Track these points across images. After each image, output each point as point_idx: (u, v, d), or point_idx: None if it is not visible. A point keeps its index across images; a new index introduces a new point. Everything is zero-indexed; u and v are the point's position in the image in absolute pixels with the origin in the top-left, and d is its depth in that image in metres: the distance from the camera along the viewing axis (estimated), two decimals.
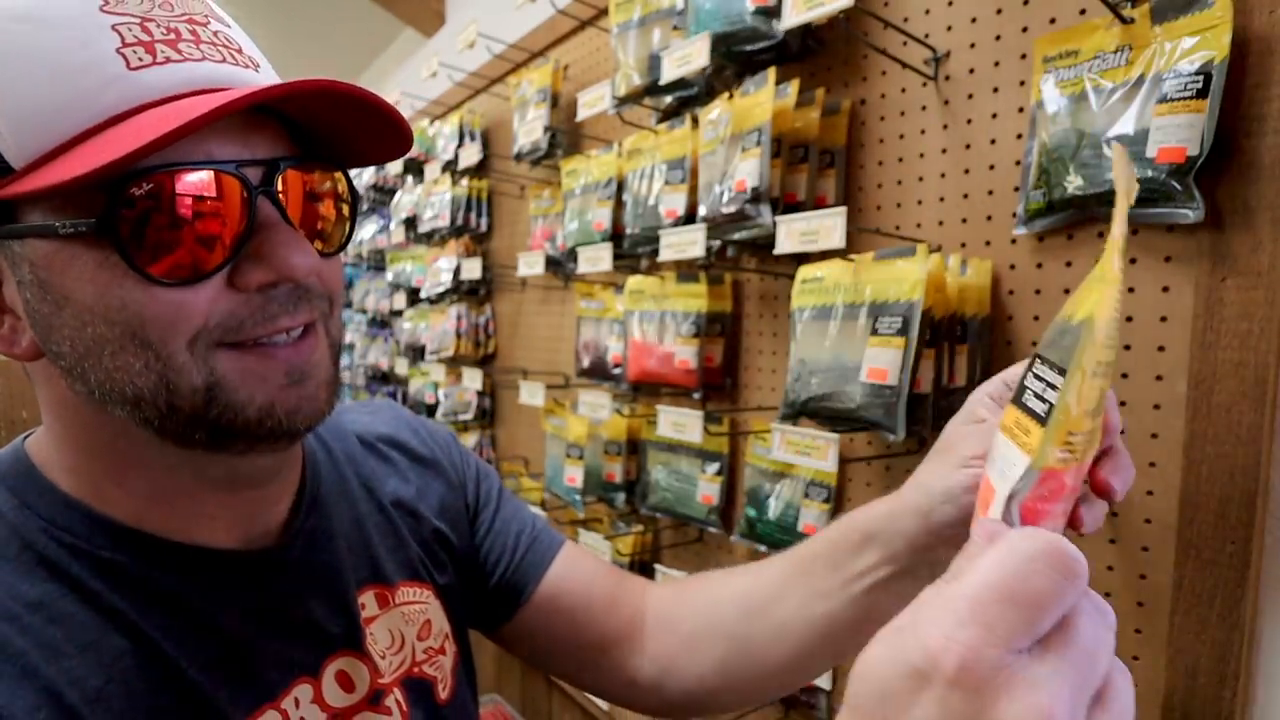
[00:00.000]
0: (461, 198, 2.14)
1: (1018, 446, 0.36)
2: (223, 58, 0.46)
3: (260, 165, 0.46)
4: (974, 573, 0.31)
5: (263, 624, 0.53)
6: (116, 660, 0.46)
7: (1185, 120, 0.71)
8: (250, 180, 0.45)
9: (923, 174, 1.00)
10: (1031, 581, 0.30)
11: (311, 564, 0.58)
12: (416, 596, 0.67)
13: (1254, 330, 0.70)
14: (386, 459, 0.71)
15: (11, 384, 3.13)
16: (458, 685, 0.69)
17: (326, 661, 0.57)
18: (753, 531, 1.21)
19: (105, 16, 0.43)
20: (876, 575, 0.62)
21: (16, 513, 0.48)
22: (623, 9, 1.38)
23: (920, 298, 0.86)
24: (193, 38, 0.45)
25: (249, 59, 0.48)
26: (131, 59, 0.42)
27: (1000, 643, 0.30)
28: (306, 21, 3.43)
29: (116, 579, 0.48)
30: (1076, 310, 0.36)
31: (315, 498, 0.61)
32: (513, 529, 0.77)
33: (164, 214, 0.43)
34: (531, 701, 1.94)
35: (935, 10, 0.97)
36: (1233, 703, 0.73)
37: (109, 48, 0.42)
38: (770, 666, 0.69)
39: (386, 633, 0.62)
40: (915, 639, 0.31)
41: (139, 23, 0.43)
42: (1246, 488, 0.72)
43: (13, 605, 0.44)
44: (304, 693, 0.55)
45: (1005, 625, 0.30)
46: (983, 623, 0.30)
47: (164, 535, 0.50)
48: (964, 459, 0.57)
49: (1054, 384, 0.35)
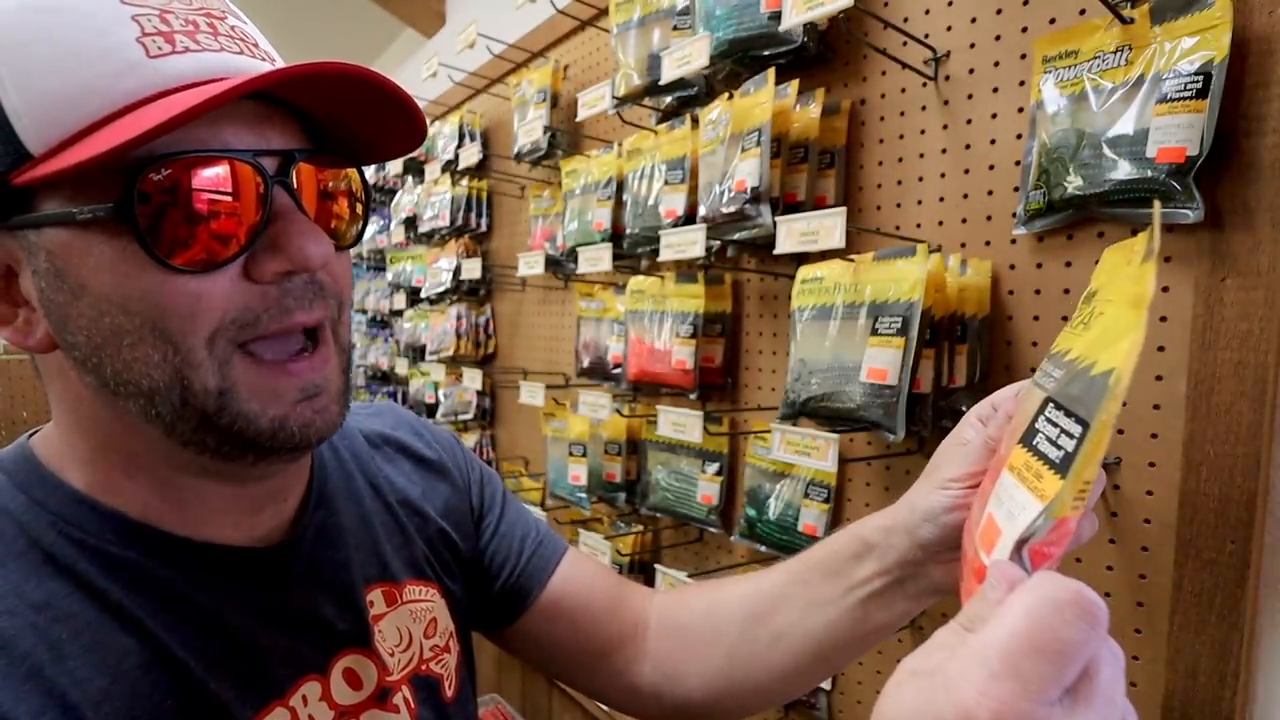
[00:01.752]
0: (461, 198, 2.14)
1: (1028, 490, 0.36)
2: (240, 49, 0.46)
3: (276, 155, 0.46)
4: (1003, 622, 0.31)
5: (270, 621, 0.53)
6: (122, 660, 0.45)
7: (1185, 120, 0.71)
8: (266, 170, 0.45)
9: (923, 174, 1.00)
10: (1062, 632, 0.30)
11: (319, 561, 0.58)
12: (423, 595, 0.67)
13: (1254, 330, 0.70)
14: (392, 460, 0.71)
15: (11, 384, 3.13)
16: (462, 684, 0.69)
17: (334, 659, 0.57)
18: (753, 531, 1.21)
19: (125, 8, 0.43)
20: (872, 586, 0.64)
21: (24, 509, 0.48)
22: (623, 9, 1.38)
23: (920, 298, 0.86)
24: (211, 30, 0.45)
25: (265, 54, 0.49)
26: (151, 47, 0.42)
27: (1034, 696, 0.29)
28: (306, 21, 3.43)
29: (124, 575, 0.48)
30: (1098, 355, 0.35)
31: (323, 495, 0.61)
32: (517, 533, 0.77)
33: (180, 201, 0.43)
34: (531, 701, 1.94)
35: (935, 10, 0.97)
36: (1233, 703, 0.73)
37: (128, 37, 0.42)
38: (770, 674, 0.69)
39: (395, 630, 0.62)
40: (947, 693, 0.30)
41: (158, 14, 0.44)
42: (1246, 488, 0.72)
43: (19, 604, 0.44)
44: (312, 690, 0.55)
45: (1038, 677, 0.29)
46: (1016, 676, 0.29)
47: (173, 531, 0.50)
48: (944, 480, 0.59)
49: (1071, 433, 0.35)
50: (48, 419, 0.53)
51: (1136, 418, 0.81)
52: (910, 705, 0.32)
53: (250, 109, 0.46)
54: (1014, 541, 0.34)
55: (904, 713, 0.32)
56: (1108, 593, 0.84)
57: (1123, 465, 0.82)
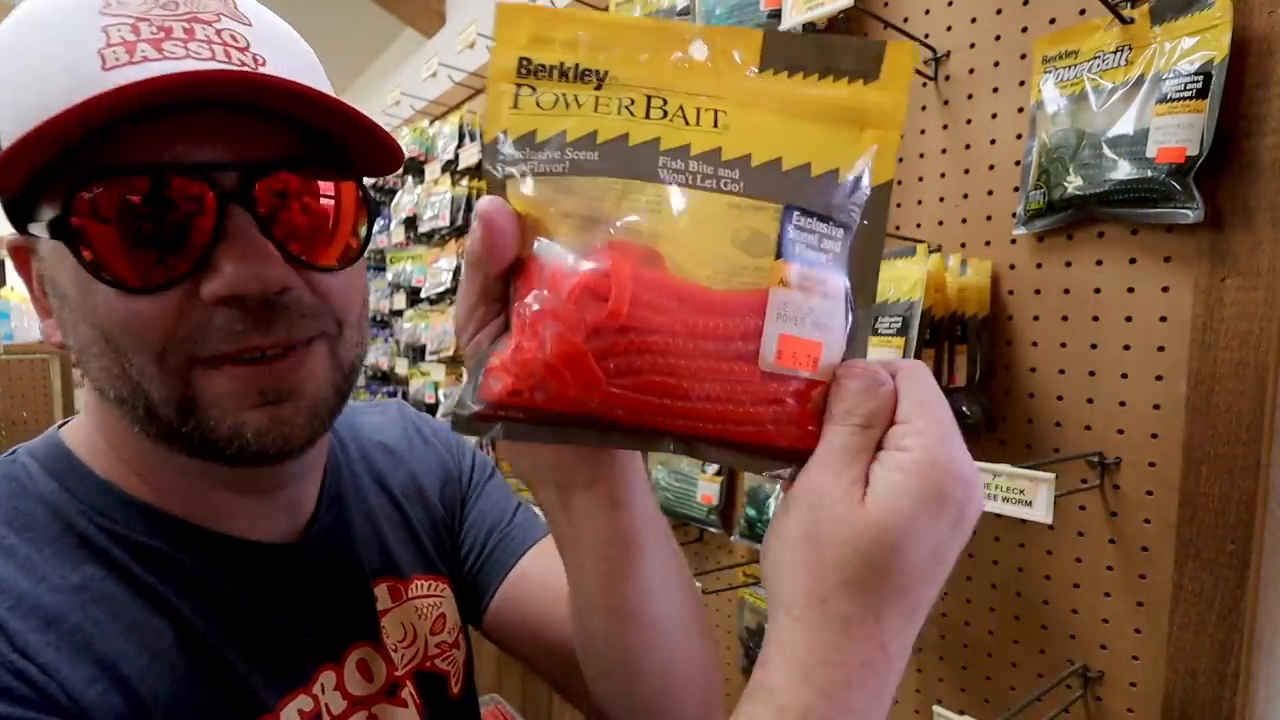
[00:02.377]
0: (461, 198, 2.14)
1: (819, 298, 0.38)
2: (210, 54, 0.43)
3: (237, 168, 0.43)
4: (938, 404, 0.34)
5: (287, 611, 0.54)
6: (159, 640, 0.46)
7: (1185, 120, 0.71)
8: (221, 184, 0.43)
9: (923, 174, 1.00)
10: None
11: (331, 556, 0.59)
12: (431, 590, 0.66)
13: (1254, 330, 0.70)
14: (394, 453, 0.71)
15: (12, 384, 3.14)
16: (468, 682, 0.69)
17: (347, 651, 0.58)
18: (752, 531, 1.21)
19: (101, 18, 0.42)
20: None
21: (57, 496, 0.48)
22: (623, 9, 1.38)
23: (920, 297, 0.86)
24: (185, 35, 0.43)
25: (254, 56, 0.45)
26: (109, 59, 0.41)
27: None
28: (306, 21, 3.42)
29: (153, 562, 0.48)
30: (782, 152, 0.36)
31: (336, 493, 0.62)
32: (486, 523, 0.73)
33: (114, 219, 0.41)
34: (531, 701, 1.94)
35: (935, 10, 0.97)
36: (1233, 703, 0.73)
37: (92, 49, 0.41)
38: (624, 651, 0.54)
39: (399, 626, 0.62)
40: (946, 472, 0.32)
41: (130, 23, 0.42)
42: (1246, 488, 0.72)
43: (62, 584, 0.45)
44: (328, 679, 0.55)
45: None
46: (959, 439, 0.34)
47: (194, 522, 0.51)
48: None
49: (832, 235, 0.37)
50: (48, 419, 0.54)
51: (1136, 418, 0.81)
52: (901, 497, 0.32)
53: (224, 118, 0.43)
54: (841, 349, 0.35)
55: (913, 507, 0.32)
56: (1108, 593, 0.84)
57: (1123, 465, 0.82)
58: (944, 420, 0.33)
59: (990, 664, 0.97)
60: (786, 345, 0.34)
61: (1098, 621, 0.86)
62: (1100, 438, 0.84)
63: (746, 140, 0.35)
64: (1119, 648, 0.84)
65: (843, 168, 0.36)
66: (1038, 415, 0.90)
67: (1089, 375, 0.85)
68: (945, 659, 1.02)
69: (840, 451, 0.33)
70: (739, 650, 1.35)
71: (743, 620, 1.33)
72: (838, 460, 0.33)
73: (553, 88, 0.36)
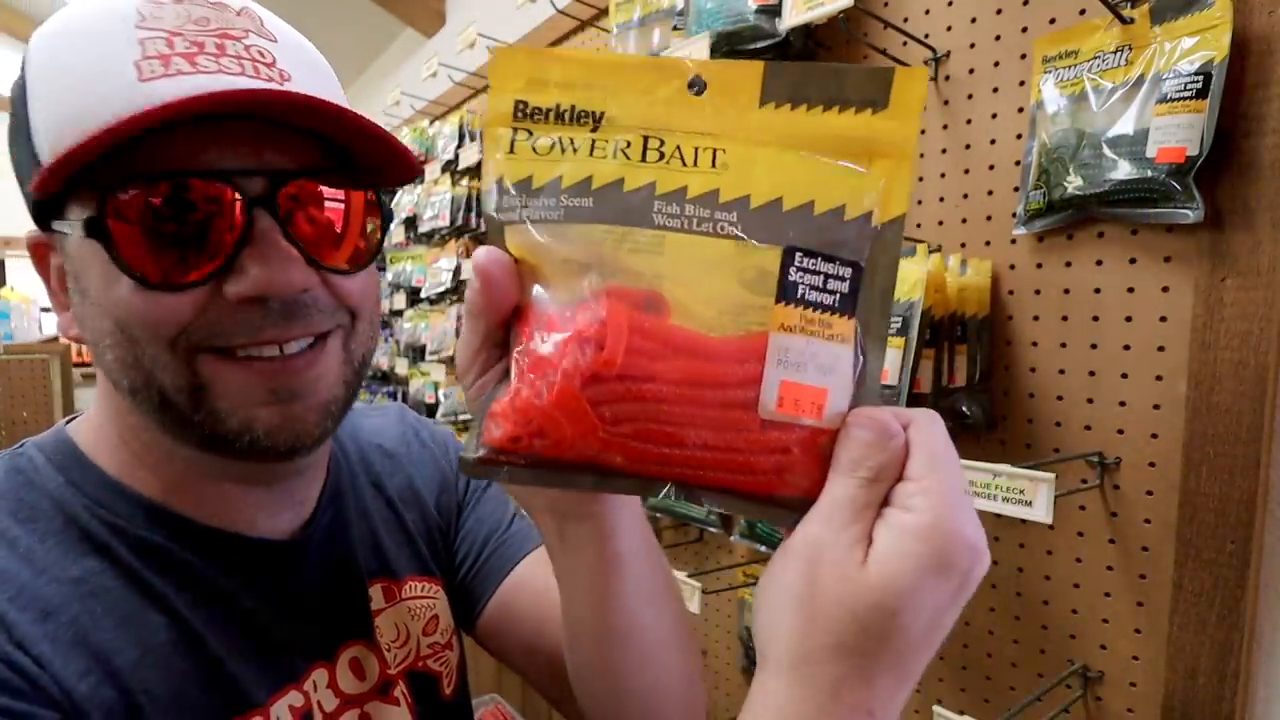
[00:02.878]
0: (461, 198, 2.14)
1: (824, 341, 0.36)
2: (240, 69, 0.45)
3: (263, 175, 0.46)
4: (948, 462, 0.32)
5: (282, 608, 0.55)
6: (152, 634, 0.48)
7: (1185, 120, 0.71)
8: (248, 190, 0.45)
9: (922, 174, 1.00)
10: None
11: (329, 555, 0.60)
12: (425, 591, 0.67)
13: (1254, 330, 0.70)
14: (392, 456, 0.72)
15: (11, 384, 3.13)
16: (461, 682, 0.69)
17: (341, 649, 0.58)
18: (752, 531, 1.21)
19: (137, 31, 0.44)
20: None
21: (61, 489, 0.50)
22: (623, 9, 1.38)
23: (920, 297, 0.86)
24: (216, 51, 0.45)
25: (279, 72, 0.47)
26: (145, 70, 0.43)
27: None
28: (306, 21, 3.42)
29: (152, 557, 0.50)
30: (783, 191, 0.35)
31: (335, 492, 0.63)
32: (483, 530, 0.73)
33: (146, 221, 0.44)
34: (531, 701, 1.94)
35: (935, 10, 0.98)
36: (1233, 702, 0.73)
37: (129, 59, 0.43)
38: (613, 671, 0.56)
39: (392, 626, 0.63)
40: (954, 539, 0.30)
41: (165, 36, 0.44)
42: (1246, 488, 0.72)
43: (62, 575, 0.46)
44: (320, 677, 0.56)
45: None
46: (966, 496, 0.32)
47: (194, 518, 0.52)
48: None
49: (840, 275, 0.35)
50: (48, 419, 0.54)
51: (1136, 418, 0.81)
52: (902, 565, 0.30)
53: (251, 128, 0.46)
54: (849, 393, 0.34)
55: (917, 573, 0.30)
56: (1108, 593, 0.84)
57: (1123, 465, 0.82)
58: (954, 481, 0.32)
59: (990, 664, 0.97)
60: (788, 392, 0.33)
61: (1098, 621, 0.86)
62: (1100, 438, 0.84)
63: (746, 180, 0.35)
64: (1119, 648, 0.84)
65: (849, 203, 0.34)
66: (1038, 415, 0.90)
67: (1089, 375, 0.85)
68: (945, 659, 1.02)
69: (844, 505, 0.32)
70: (739, 650, 1.35)
71: (743, 620, 1.33)
72: (840, 514, 0.32)
73: (549, 131, 0.36)
